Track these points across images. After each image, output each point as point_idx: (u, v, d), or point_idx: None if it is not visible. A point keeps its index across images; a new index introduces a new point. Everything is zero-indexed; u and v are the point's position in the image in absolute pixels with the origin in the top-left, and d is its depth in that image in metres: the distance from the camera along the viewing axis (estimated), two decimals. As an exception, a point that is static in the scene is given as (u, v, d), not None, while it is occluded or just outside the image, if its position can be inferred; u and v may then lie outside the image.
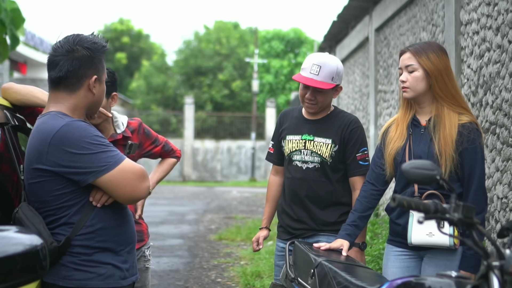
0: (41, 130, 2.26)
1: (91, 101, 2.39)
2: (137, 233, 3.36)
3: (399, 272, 2.89)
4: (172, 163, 3.61)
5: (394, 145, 2.94)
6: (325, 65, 3.26)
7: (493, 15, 4.24)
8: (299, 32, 32.73)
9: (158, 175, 3.56)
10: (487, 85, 4.33)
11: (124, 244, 2.39)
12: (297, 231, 3.43)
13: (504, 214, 4.02)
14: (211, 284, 6.31)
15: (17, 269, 2.02)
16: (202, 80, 32.22)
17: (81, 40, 2.36)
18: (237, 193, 18.14)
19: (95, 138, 2.25)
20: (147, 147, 3.47)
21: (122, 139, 3.30)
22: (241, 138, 26.46)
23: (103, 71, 2.43)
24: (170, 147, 3.58)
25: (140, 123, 3.45)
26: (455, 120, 2.79)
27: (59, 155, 2.21)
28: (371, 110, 8.35)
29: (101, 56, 2.40)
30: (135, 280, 2.45)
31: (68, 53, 2.32)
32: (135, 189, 2.29)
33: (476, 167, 2.77)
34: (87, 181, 2.24)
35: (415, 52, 2.85)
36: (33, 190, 2.28)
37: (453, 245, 2.71)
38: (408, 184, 2.87)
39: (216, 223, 11.19)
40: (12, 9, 6.35)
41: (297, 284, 2.84)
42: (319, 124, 3.41)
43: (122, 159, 2.28)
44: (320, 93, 3.30)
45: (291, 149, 3.44)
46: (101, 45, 2.40)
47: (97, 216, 2.30)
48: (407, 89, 2.87)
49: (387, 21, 7.66)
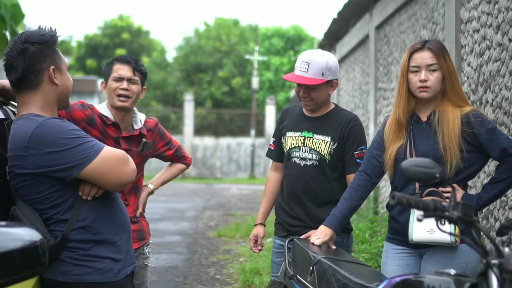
0: (17, 135, 2.26)
1: (58, 92, 2.39)
2: (138, 231, 3.36)
3: (398, 270, 2.89)
4: (181, 168, 3.65)
5: (394, 147, 2.92)
6: (313, 62, 3.26)
7: (494, 13, 4.24)
8: (299, 29, 32.70)
9: (164, 176, 3.59)
10: (487, 83, 4.33)
11: (120, 233, 2.40)
12: (294, 228, 3.42)
13: (504, 212, 4.02)
14: (210, 281, 6.31)
15: (16, 265, 2.02)
16: (202, 77, 32.19)
17: (28, 36, 2.36)
18: (236, 190, 18.13)
19: (70, 132, 2.26)
20: (160, 148, 3.51)
21: (138, 136, 3.34)
22: (241, 135, 26.45)
23: (61, 60, 2.41)
24: (182, 153, 3.62)
25: (156, 122, 3.50)
26: (457, 114, 2.79)
27: (38, 157, 2.21)
28: (371, 108, 8.35)
29: (52, 47, 2.39)
30: (133, 270, 2.47)
31: (19, 54, 2.33)
32: (120, 174, 2.30)
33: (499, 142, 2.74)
34: (72, 175, 2.24)
35: (436, 52, 2.82)
36: (20, 194, 2.29)
37: (454, 242, 2.71)
38: (409, 181, 2.86)
39: (215, 220, 11.20)
40: (12, 4, 6.33)
41: (296, 282, 2.84)
42: (318, 122, 3.41)
43: (102, 148, 2.29)
44: (313, 90, 3.30)
45: (290, 146, 3.44)
46: (49, 35, 2.39)
47: (89, 210, 2.31)
48: (428, 89, 2.82)
49: (388, 18, 7.65)
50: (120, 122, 3.31)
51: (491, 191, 2.80)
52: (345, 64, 11.09)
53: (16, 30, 6.42)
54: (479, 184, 4.35)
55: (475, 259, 2.75)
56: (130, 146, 3.30)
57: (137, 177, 3.31)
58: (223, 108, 30.50)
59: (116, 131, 3.29)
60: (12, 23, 6.37)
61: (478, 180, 4.37)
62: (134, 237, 3.31)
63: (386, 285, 2.21)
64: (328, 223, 3.03)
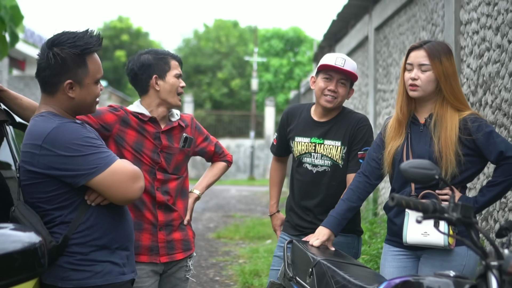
0: (33, 132, 2.25)
1: (74, 104, 2.35)
2: (184, 241, 3.17)
3: (396, 272, 2.88)
4: (222, 167, 3.45)
5: (394, 144, 2.92)
6: (348, 59, 3.35)
7: (493, 14, 4.24)
8: (299, 31, 32.72)
9: (208, 179, 3.41)
10: (486, 84, 4.33)
11: (120, 241, 2.38)
12: (306, 230, 3.37)
13: (503, 214, 4.02)
14: (210, 283, 6.30)
15: (15, 267, 2.02)
16: (201, 78, 32.20)
17: (60, 40, 2.30)
18: (236, 192, 18.12)
19: (86, 140, 2.23)
20: (200, 143, 3.33)
21: (178, 129, 3.18)
22: (240, 137, 26.45)
23: (85, 73, 2.32)
24: (222, 149, 3.45)
25: (192, 117, 3.34)
26: (456, 120, 2.77)
27: (50, 158, 2.20)
28: (370, 109, 8.35)
29: (82, 56, 2.31)
30: (134, 277, 2.45)
31: (45, 57, 2.29)
32: (126, 190, 2.27)
33: (496, 146, 2.72)
34: (79, 183, 2.23)
35: (431, 53, 2.81)
36: (27, 191, 2.28)
37: (448, 245, 2.70)
38: (406, 183, 2.86)
39: (214, 222, 11.19)
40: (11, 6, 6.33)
41: (295, 283, 2.84)
42: (328, 126, 3.39)
43: (113, 160, 2.26)
44: (343, 86, 3.33)
45: (301, 152, 3.42)
46: (83, 43, 2.30)
47: (93, 214, 2.30)
48: (418, 87, 2.82)
49: (387, 20, 7.65)
50: (159, 119, 3.13)
51: (488, 194, 2.78)
52: (344, 66, 11.07)
53: (16, 31, 6.41)
54: (478, 185, 4.35)
55: (471, 262, 2.74)
56: (172, 143, 3.14)
57: (182, 177, 3.19)
58: (223, 109, 30.51)
59: (155, 126, 3.10)
60: (12, 25, 6.36)
61: (478, 181, 4.37)
62: (179, 247, 3.16)
63: (385, 287, 2.21)
64: (325, 224, 3.03)
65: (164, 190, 3.09)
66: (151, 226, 3.05)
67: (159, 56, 3.14)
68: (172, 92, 3.11)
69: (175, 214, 3.13)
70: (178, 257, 3.15)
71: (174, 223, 3.13)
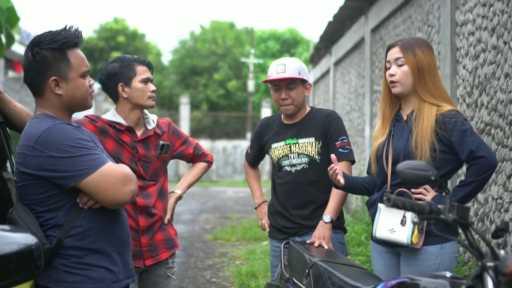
0: (27, 133, 2.25)
1: (64, 101, 2.34)
2: (166, 240, 3.24)
3: (383, 270, 2.90)
4: (203, 167, 3.53)
5: (377, 142, 2.96)
6: (288, 63, 3.41)
7: (489, 16, 4.25)
8: (295, 32, 32.72)
9: (189, 179, 3.48)
10: (482, 86, 4.34)
11: (116, 245, 2.36)
12: (292, 230, 3.45)
13: (499, 214, 4.03)
14: (206, 284, 6.30)
15: (11, 268, 2.01)
16: (198, 80, 32.20)
17: (40, 40, 2.31)
18: (232, 193, 18.13)
19: (77, 141, 2.22)
20: (178, 147, 3.40)
21: (154, 137, 3.24)
22: (237, 138, 26.46)
23: (69, 68, 2.31)
24: (201, 150, 3.52)
25: (169, 122, 3.40)
26: (433, 113, 2.77)
27: (41, 159, 2.19)
28: (367, 110, 8.36)
29: (63, 52, 2.30)
30: (130, 283, 2.43)
31: (29, 58, 2.30)
32: (116, 193, 2.24)
33: (467, 144, 2.69)
34: (69, 185, 2.22)
35: (403, 46, 2.84)
36: (21, 193, 2.28)
37: (410, 244, 2.69)
38: (386, 179, 2.86)
39: (211, 223, 11.19)
40: (7, 8, 6.32)
41: (292, 284, 2.84)
42: (299, 126, 3.49)
43: (104, 163, 2.24)
44: (292, 90, 3.41)
45: (278, 156, 3.50)
46: (61, 38, 2.30)
47: (86, 217, 2.28)
48: (396, 83, 2.85)
49: (383, 21, 7.67)
50: (134, 126, 3.19)
51: (459, 194, 2.72)
52: (340, 67, 11.11)
53: (11, 33, 6.41)
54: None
55: (446, 261, 2.72)
56: (148, 151, 3.20)
57: (159, 181, 3.25)
58: (219, 111, 30.51)
59: (131, 135, 3.16)
60: (7, 27, 6.35)
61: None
62: (163, 247, 3.23)
63: (382, 287, 2.21)
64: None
65: (145, 194, 3.17)
66: (134, 232, 3.09)
67: (125, 63, 3.19)
68: (141, 96, 3.16)
69: (156, 217, 3.21)
70: (163, 257, 3.23)
71: (155, 225, 3.21)
